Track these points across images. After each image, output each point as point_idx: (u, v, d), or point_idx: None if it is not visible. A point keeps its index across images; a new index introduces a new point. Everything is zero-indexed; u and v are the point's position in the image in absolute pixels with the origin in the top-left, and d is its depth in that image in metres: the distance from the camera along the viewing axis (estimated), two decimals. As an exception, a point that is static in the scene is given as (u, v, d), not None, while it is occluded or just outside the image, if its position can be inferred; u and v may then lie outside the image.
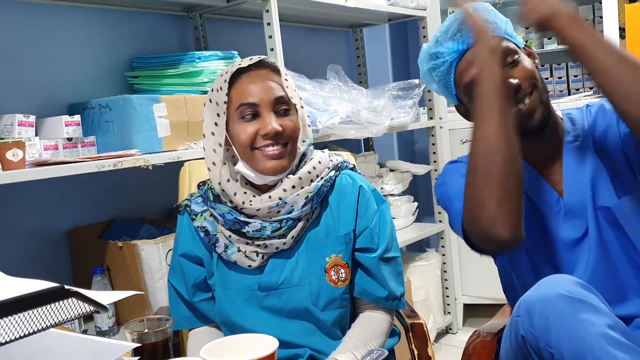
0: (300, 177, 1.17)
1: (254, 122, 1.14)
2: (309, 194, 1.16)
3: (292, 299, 1.17)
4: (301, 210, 1.16)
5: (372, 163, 2.69)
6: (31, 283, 0.60)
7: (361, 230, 1.21)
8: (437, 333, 2.84)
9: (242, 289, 1.19)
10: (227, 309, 1.20)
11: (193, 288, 1.24)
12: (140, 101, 1.68)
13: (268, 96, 1.13)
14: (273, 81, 1.16)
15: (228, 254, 1.18)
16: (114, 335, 1.70)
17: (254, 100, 1.13)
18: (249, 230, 1.16)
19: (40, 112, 1.73)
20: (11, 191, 1.73)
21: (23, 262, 1.79)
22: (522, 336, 0.99)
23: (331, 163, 1.25)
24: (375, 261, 1.20)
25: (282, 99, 1.15)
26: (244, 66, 1.15)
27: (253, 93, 1.13)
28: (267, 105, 1.13)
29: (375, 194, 1.25)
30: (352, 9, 2.42)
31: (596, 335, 0.91)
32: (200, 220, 1.22)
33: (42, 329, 0.56)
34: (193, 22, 2.26)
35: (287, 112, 1.16)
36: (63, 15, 1.88)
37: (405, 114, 2.60)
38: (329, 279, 1.18)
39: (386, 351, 1.09)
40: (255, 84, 1.14)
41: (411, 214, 2.85)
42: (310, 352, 1.18)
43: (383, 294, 1.21)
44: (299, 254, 1.19)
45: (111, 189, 2.01)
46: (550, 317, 0.94)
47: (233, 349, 0.92)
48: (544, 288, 0.99)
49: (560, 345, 0.93)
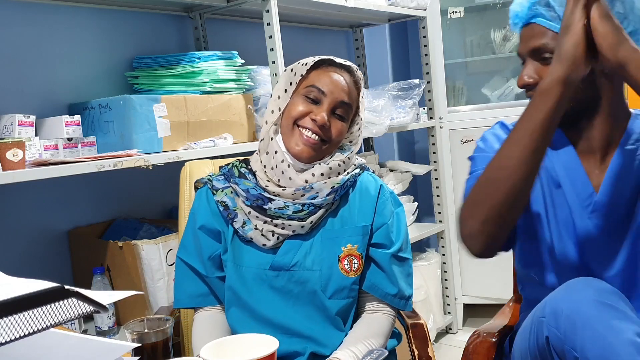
0: (331, 167, 1.22)
1: (312, 106, 1.20)
2: (335, 184, 1.21)
3: (301, 281, 1.19)
4: (325, 198, 1.19)
5: (372, 163, 2.69)
6: (31, 283, 0.60)
7: (378, 226, 1.24)
8: (437, 333, 2.84)
9: (254, 266, 1.21)
10: (236, 285, 1.22)
11: (209, 261, 1.25)
12: (140, 101, 1.68)
13: (338, 94, 1.21)
14: (350, 88, 1.24)
15: (245, 230, 1.21)
16: (114, 335, 1.70)
17: (324, 88, 1.20)
18: (270, 207, 1.19)
19: (41, 112, 1.73)
20: (11, 191, 1.73)
21: (23, 262, 1.79)
22: (547, 337, 0.97)
23: (357, 161, 1.31)
24: (388, 257, 1.22)
25: (345, 105, 1.22)
26: (336, 61, 1.23)
27: (329, 83, 1.20)
28: (331, 100, 1.20)
29: (393, 197, 1.29)
30: (352, 9, 2.42)
31: (625, 342, 0.88)
32: (221, 195, 1.25)
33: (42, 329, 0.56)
34: (193, 22, 2.26)
35: (342, 118, 1.23)
36: (63, 15, 1.88)
37: (405, 114, 2.61)
38: (341, 268, 1.20)
39: (386, 351, 1.10)
40: (335, 79, 1.21)
41: (411, 214, 2.86)
42: (311, 349, 1.19)
43: (393, 290, 1.22)
44: (314, 240, 1.21)
45: (111, 189, 2.01)
46: (577, 320, 0.92)
47: (233, 349, 0.92)
48: (573, 290, 0.97)
49: (586, 350, 0.90)
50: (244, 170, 1.26)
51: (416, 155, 3.47)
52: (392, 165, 2.86)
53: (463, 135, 2.88)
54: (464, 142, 2.88)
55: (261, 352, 0.86)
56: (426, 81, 2.80)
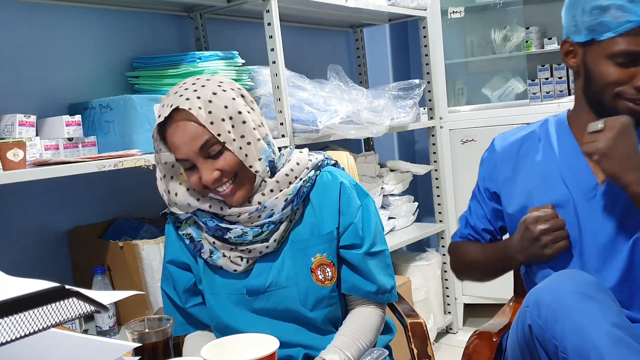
0: (278, 181, 1.16)
1: (195, 174, 1.12)
2: (287, 196, 1.16)
3: (280, 300, 1.18)
4: (282, 213, 1.16)
5: (372, 163, 2.69)
6: (31, 283, 0.60)
7: (345, 227, 1.20)
8: (437, 333, 2.84)
9: (231, 293, 1.20)
10: (218, 313, 1.21)
11: (184, 294, 1.25)
12: (141, 101, 1.68)
13: (192, 148, 1.08)
14: (193, 126, 1.08)
15: (213, 259, 1.18)
16: (115, 335, 1.70)
17: (182, 156, 1.10)
18: (230, 237, 1.16)
19: (41, 112, 1.73)
20: (12, 191, 1.74)
21: (23, 262, 1.79)
22: (529, 326, 1.00)
23: (310, 163, 1.22)
24: (361, 257, 1.20)
25: (208, 144, 1.09)
26: (162, 120, 1.10)
27: (180, 149, 1.09)
28: (196, 156, 1.09)
29: (357, 189, 1.24)
30: (353, 9, 2.42)
31: (601, 332, 0.91)
32: (185, 228, 1.22)
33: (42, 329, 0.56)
34: (194, 22, 2.26)
35: (220, 152, 1.10)
36: (63, 15, 1.88)
37: (406, 114, 2.60)
38: (315, 279, 1.18)
39: (386, 351, 1.09)
40: (178, 138, 1.09)
41: (411, 214, 2.85)
42: (304, 351, 1.19)
43: (372, 288, 1.21)
44: (284, 255, 1.19)
45: (112, 189, 2.01)
46: (558, 310, 0.95)
47: (233, 349, 0.92)
48: (556, 281, 1.00)
49: (565, 339, 0.93)
50: None
51: (416, 155, 3.47)
52: (392, 165, 2.86)
53: (463, 135, 2.88)
54: (464, 142, 2.88)
55: (261, 352, 0.86)
56: (426, 81, 2.80)
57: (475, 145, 2.82)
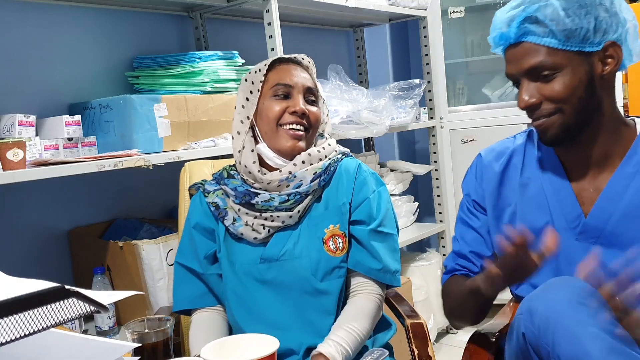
0: (310, 154, 1.26)
1: (285, 102, 1.26)
2: (317, 170, 1.25)
3: (292, 270, 1.23)
4: (309, 185, 1.24)
5: (372, 163, 2.69)
6: (31, 283, 0.60)
7: (358, 203, 1.27)
8: (438, 333, 2.84)
9: (246, 262, 1.25)
10: (232, 282, 1.26)
11: (205, 260, 1.31)
12: (140, 101, 1.68)
13: (302, 82, 1.27)
14: (307, 75, 1.31)
15: (235, 227, 1.25)
16: (115, 335, 1.70)
17: (290, 82, 1.26)
18: (258, 201, 1.24)
19: (41, 112, 1.74)
20: (11, 191, 1.74)
21: (23, 262, 1.79)
22: (523, 334, 1.00)
23: (339, 148, 1.37)
24: (367, 233, 1.24)
25: (313, 90, 1.30)
26: (284, 57, 1.31)
27: (290, 77, 1.27)
28: (299, 90, 1.27)
29: (374, 177, 1.32)
30: (353, 8, 2.42)
31: (592, 337, 0.91)
32: (212, 197, 1.31)
33: (42, 329, 0.56)
34: (194, 22, 2.26)
35: (314, 103, 1.30)
36: (63, 15, 1.88)
37: (406, 114, 2.60)
38: (327, 249, 1.23)
39: (386, 351, 1.10)
40: (294, 71, 1.28)
41: (412, 214, 2.85)
42: (306, 344, 1.20)
43: (377, 265, 1.24)
44: (301, 229, 1.26)
45: (111, 189, 2.01)
46: (550, 317, 0.95)
47: (233, 349, 0.92)
48: (549, 288, 0.99)
49: (557, 346, 0.93)
50: (232, 172, 1.33)
51: (417, 155, 3.47)
52: (392, 165, 2.86)
53: (463, 135, 2.88)
54: (465, 142, 2.88)
55: (261, 352, 0.86)
56: (427, 81, 2.80)
57: (475, 145, 2.82)
